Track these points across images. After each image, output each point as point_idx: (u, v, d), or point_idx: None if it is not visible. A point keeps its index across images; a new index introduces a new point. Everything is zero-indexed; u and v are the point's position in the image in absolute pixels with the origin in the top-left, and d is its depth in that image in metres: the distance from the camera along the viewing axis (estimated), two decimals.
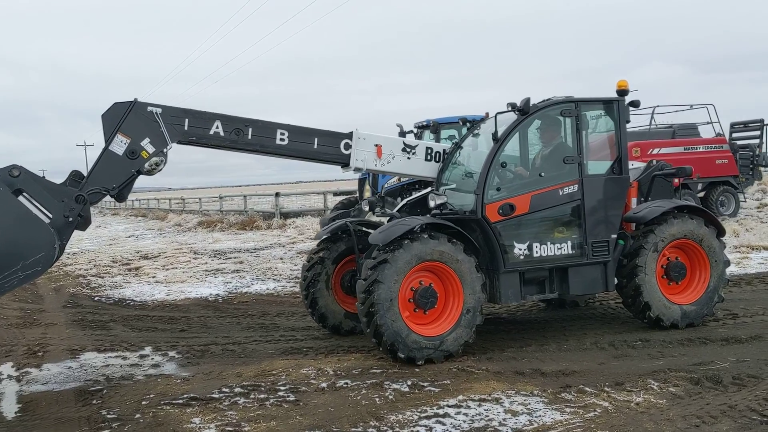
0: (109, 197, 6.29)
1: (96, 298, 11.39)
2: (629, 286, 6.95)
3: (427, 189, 7.40)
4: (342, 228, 7.51)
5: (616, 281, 7.09)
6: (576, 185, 6.74)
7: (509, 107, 6.65)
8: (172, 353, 7.21)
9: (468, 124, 7.96)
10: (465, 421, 4.71)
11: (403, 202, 7.56)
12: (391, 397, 5.27)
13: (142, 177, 6.43)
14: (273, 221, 24.02)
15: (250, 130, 6.65)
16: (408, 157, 7.30)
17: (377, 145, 7.12)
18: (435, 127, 15.34)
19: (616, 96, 7.03)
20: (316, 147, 6.92)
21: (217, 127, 6.53)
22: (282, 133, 6.78)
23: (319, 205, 26.64)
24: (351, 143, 7.00)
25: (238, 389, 5.69)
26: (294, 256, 15.74)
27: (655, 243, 6.93)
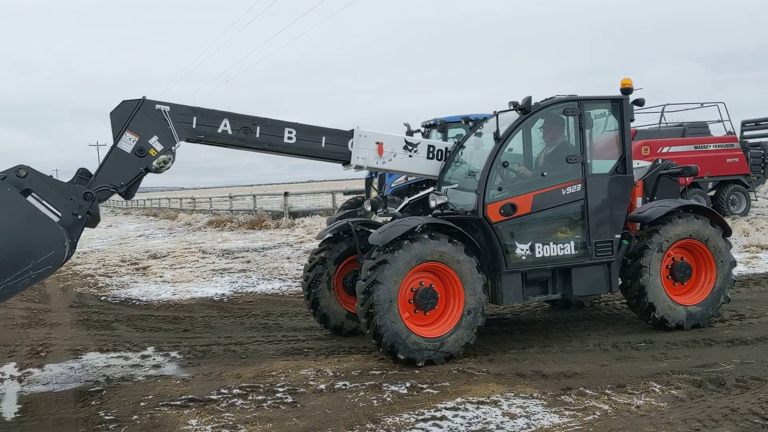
0: (117, 195, 6.30)
1: (102, 297, 11.43)
2: (633, 286, 6.87)
3: (430, 189, 7.35)
4: (344, 228, 7.48)
5: (620, 282, 7.02)
6: (579, 185, 6.67)
7: (511, 106, 6.59)
8: (173, 354, 7.20)
9: (471, 123, 7.90)
10: (462, 424, 4.65)
11: (405, 201, 7.51)
12: (389, 399, 5.23)
13: (154, 176, 6.45)
14: (282, 220, 24.04)
15: (258, 128, 6.65)
16: (410, 155, 7.26)
17: (378, 143, 7.08)
18: (442, 126, 15.28)
19: (620, 94, 6.94)
20: (324, 145, 6.91)
21: (225, 126, 6.54)
22: (290, 132, 6.77)
23: (328, 205, 26.62)
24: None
25: (236, 390, 5.67)
26: (301, 255, 15.72)
27: (660, 243, 6.85)
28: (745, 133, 19.32)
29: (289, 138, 6.77)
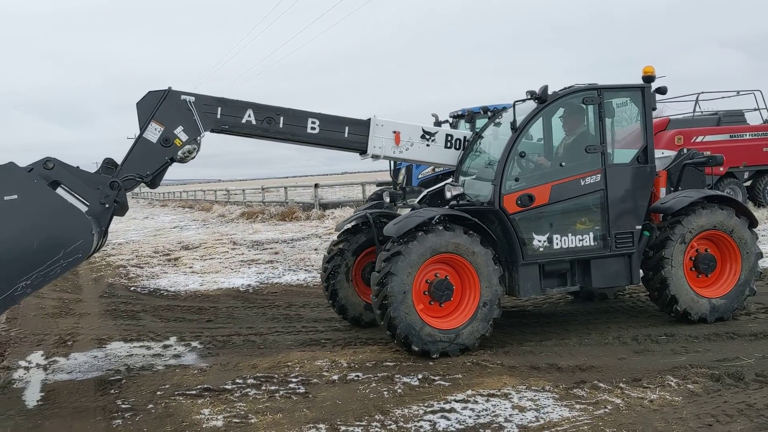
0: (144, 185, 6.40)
1: (132, 288, 11.63)
2: (655, 278, 6.74)
3: (448, 180, 7.31)
4: (363, 219, 7.49)
5: (642, 274, 6.90)
6: (599, 175, 6.56)
7: (528, 95, 6.50)
8: (194, 343, 7.30)
9: (489, 113, 7.82)
10: (470, 417, 4.63)
11: (424, 193, 7.48)
12: (400, 391, 5.23)
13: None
14: (312, 212, 24.17)
15: (281, 118, 6.70)
16: (427, 144, 7.22)
17: (395, 132, 7.06)
18: (470, 117, 15.16)
19: (641, 83, 6.80)
20: (347, 135, 6.92)
21: (249, 116, 6.61)
22: (313, 122, 6.80)
23: (359, 196, 26.67)
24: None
25: (251, 381, 5.73)
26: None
27: (683, 234, 6.70)
28: None
29: (312, 128, 6.80)
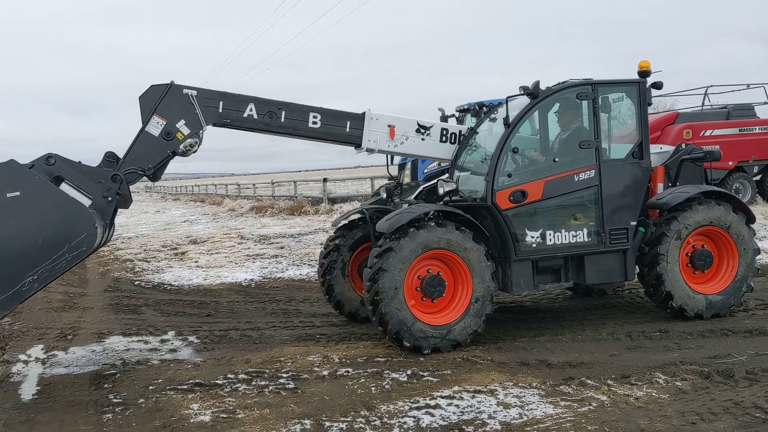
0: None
1: (136, 282, 11.72)
2: (651, 274, 6.72)
3: (443, 176, 7.30)
4: (359, 215, 7.50)
5: (638, 270, 6.87)
6: (593, 170, 6.53)
7: (521, 91, 6.48)
8: (192, 338, 7.36)
9: (484, 108, 7.80)
10: (455, 413, 4.64)
11: (420, 188, 7.49)
12: (388, 387, 5.25)
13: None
14: (321, 206, 24.22)
15: (283, 113, 6.73)
16: (422, 138, 7.21)
17: (390, 126, 7.06)
18: (476, 111, 15.09)
19: (637, 77, 6.75)
20: (348, 130, 6.95)
21: (251, 110, 6.64)
22: (314, 117, 6.83)
23: (368, 191, 26.68)
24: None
25: (242, 376, 5.77)
26: None
27: (678, 230, 6.67)
28: None
29: (314, 123, 6.82)
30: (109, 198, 6.05)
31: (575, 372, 5.38)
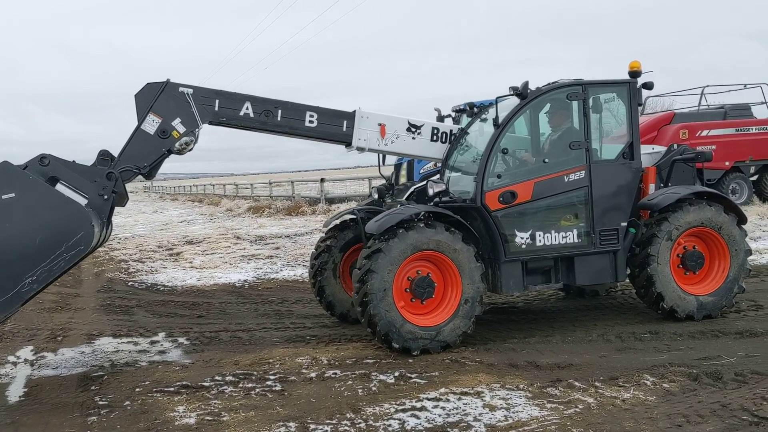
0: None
1: (130, 283, 11.69)
2: (641, 276, 6.69)
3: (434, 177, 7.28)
4: (350, 216, 7.48)
5: (628, 271, 6.85)
6: (583, 171, 6.51)
7: (510, 91, 6.45)
8: (181, 339, 7.34)
9: (475, 109, 7.78)
10: (440, 415, 4.62)
11: (411, 189, 7.47)
12: (375, 389, 5.23)
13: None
14: (318, 207, 24.19)
15: (279, 111, 6.71)
16: (413, 137, 7.19)
17: (381, 125, 7.03)
18: (472, 111, 15.07)
19: (627, 78, 6.73)
20: (345, 129, 6.92)
21: (247, 109, 6.63)
22: (311, 116, 6.81)
23: (365, 191, 26.65)
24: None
25: (229, 378, 5.75)
26: None
27: (669, 231, 6.64)
28: None
29: (311, 122, 6.80)
30: (105, 196, 6.05)
31: (564, 374, 5.36)
